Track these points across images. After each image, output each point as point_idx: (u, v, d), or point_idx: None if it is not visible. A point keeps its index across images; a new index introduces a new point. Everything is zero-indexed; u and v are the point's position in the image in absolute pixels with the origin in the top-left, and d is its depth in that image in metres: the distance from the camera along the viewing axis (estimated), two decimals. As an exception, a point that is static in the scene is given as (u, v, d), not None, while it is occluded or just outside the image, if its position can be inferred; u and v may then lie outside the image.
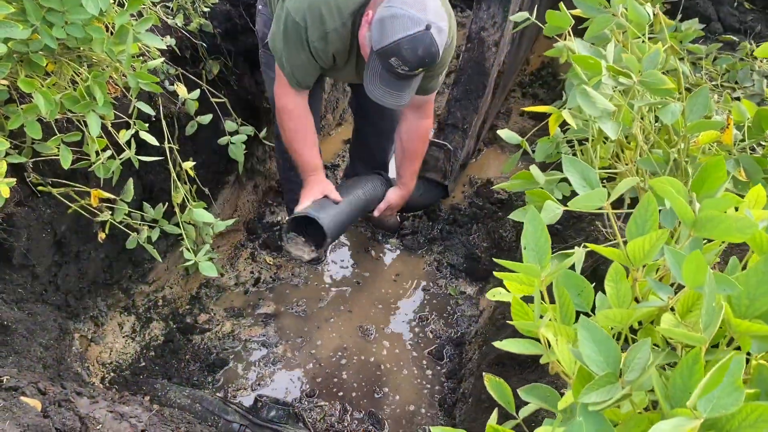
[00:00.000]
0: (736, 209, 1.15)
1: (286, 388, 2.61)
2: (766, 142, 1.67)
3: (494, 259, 1.11)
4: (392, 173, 2.93)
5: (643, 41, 1.74)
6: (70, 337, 2.25)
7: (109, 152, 1.94)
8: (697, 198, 1.02)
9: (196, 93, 2.31)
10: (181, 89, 2.27)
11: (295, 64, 2.27)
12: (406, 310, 2.92)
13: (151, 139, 2.01)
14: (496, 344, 1.01)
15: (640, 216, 1.02)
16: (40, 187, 1.98)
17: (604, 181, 1.85)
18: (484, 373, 1.14)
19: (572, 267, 1.09)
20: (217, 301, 2.90)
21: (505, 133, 1.82)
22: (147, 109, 2.01)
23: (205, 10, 2.69)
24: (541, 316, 0.98)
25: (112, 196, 2.04)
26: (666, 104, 1.50)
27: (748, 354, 0.86)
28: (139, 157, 2.02)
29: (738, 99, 2.34)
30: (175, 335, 2.69)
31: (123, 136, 1.97)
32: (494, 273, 1.09)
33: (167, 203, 2.22)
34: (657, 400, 0.90)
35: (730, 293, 0.80)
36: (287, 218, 2.29)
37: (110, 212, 2.07)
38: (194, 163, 2.26)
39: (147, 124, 2.03)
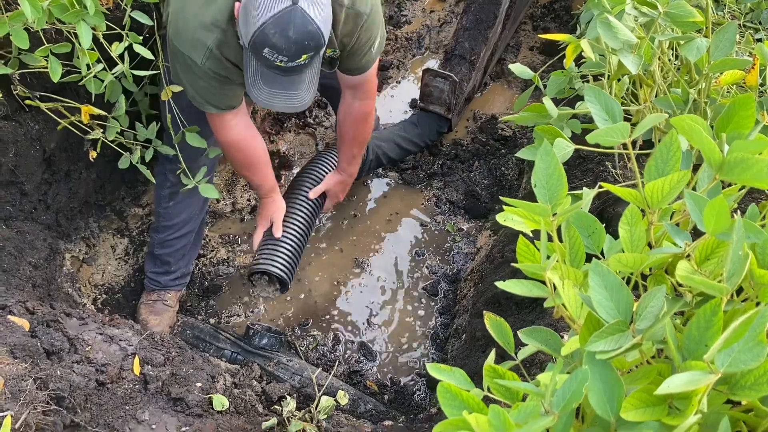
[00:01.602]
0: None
1: (279, 317, 2.60)
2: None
3: (501, 198, 1.05)
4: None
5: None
6: (60, 257, 2.22)
7: (101, 66, 1.85)
8: (724, 138, 0.95)
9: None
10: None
11: (208, 92, 1.98)
12: (403, 244, 2.88)
13: (146, 53, 1.91)
14: (498, 284, 0.96)
15: (662, 155, 0.95)
16: (27, 101, 1.89)
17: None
18: (484, 312, 1.10)
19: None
20: (213, 228, 2.86)
21: (516, 68, 1.72)
22: (144, 18, 1.90)
23: None
24: (548, 257, 0.93)
25: (104, 113, 1.96)
26: (691, 39, 1.41)
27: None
28: (133, 72, 1.92)
29: (760, 40, 2.23)
30: (168, 259, 2.65)
31: (116, 49, 1.87)
32: (500, 214, 1.02)
33: (159, 123, 2.14)
34: (663, 348, 0.86)
35: (755, 242, 0.74)
36: (250, 269, 2.39)
37: (102, 130, 1.99)
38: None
39: (141, 38, 1.93)
